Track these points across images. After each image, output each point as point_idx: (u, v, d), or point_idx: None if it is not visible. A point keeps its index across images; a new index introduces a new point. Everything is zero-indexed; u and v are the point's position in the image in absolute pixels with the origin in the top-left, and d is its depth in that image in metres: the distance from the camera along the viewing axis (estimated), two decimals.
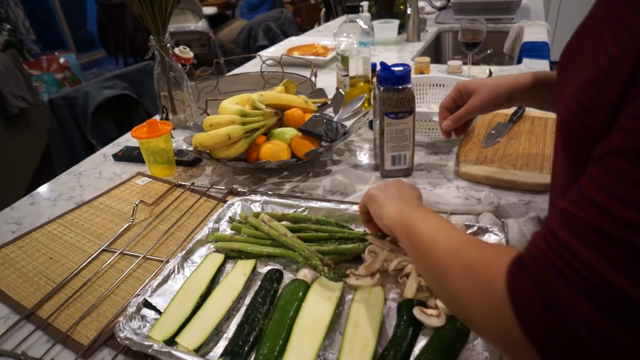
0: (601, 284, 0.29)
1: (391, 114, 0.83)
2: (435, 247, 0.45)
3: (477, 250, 0.41)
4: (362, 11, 1.86)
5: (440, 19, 2.26)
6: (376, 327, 0.55)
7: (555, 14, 3.99)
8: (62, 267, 0.74)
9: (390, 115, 0.84)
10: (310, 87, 1.30)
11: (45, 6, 5.30)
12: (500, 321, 0.34)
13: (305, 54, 1.81)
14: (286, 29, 3.69)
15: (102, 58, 5.83)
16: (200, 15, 4.28)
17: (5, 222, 0.89)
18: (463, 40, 1.38)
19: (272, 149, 0.92)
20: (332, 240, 0.69)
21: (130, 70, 1.84)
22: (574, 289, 0.29)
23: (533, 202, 0.79)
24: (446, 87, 1.12)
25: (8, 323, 0.63)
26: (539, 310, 0.31)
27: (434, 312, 0.56)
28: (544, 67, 1.48)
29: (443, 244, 0.44)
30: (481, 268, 0.38)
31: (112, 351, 0.57)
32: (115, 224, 0.84)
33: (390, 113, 0.83)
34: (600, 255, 0.29)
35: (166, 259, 0.73)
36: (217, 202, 0.87)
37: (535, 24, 1.94)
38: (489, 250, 0.40)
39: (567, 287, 0.30)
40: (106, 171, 1.06)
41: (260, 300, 0.60)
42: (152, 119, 0.98)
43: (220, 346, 0.56)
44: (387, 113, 0.83)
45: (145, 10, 1.05)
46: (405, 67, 0.83)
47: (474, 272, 0.38)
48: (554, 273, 0.31)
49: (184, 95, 1.19)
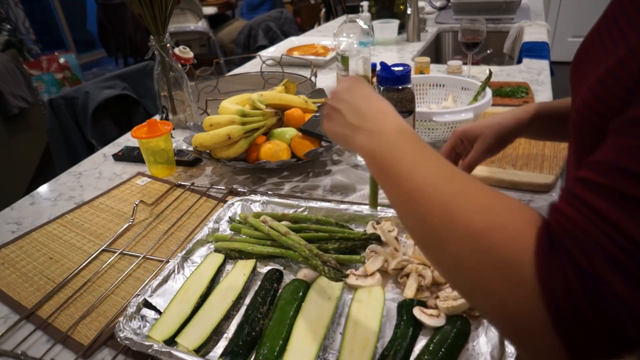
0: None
1: None
2: (430, 200, 0.37)
3: (488, 211, 0.33)
4: (362, 11, 1.86)
5: (440, 19, 2.26)
6: (376, 327, 0.55)
7: (555, 14, 3.99)
8: (62, 267, 0.74)
9: None
10: (310, 87, 1.30)
11: (45, 6, 5.30)
12: (520, 306, 0.29)
13: (305, 54, 1.81)
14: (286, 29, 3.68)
15: (102, 58, 5.83)
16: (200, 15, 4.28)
17: (5, 222, 0.89)
18: (463, 40, 1.38)
19: (272, 149, 0.92)
20: (332, 241, 0.69)
21: (130, 70, 1.84)
22: (621, 272, 0.26)
23: (533, 202, 0.79)
24: (446, 87, 1.12)
25: (8, 323, 0.63)
26: (581, 301, 0.27)
27: (434, 312, 0.56)
28: (544, 67, 1.48)
29: (440, 195, 0.36)
30: (497, 239, 0.31)
31: (112, 351, 0.57)
32: (115, 224, 0.84)
33: None
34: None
35: (166, 259, 0.73)
36: (217, 202, 0.87)
37: (535, 24, 1.94)
38: (505, 214, 0.33)
39: (613, 269, 0.26)
40: (106, 171, 1.06)
41: (260, 300, 0.60)
42: (152, 119, 0.98)
43: (220, 346, 0.56)
44: None
45: (145, 10, 1.05)
46: (405, 67, 0.83)
47: (486, 244, 0.32)
48: (597, 252, 0.27)
49: (184, 95, 1.19)
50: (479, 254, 0.32)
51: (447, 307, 0.55)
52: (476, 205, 0.34)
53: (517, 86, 1.29)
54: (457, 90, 1.11)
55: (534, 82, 1.36)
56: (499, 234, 0.32)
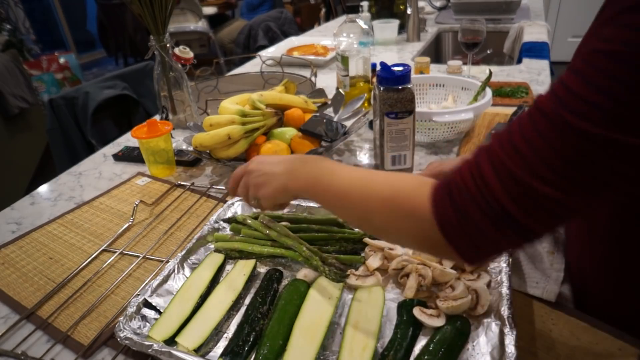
0: (504, 214, 0.38)
1: (391, 114, 0.83)
2: (352, 195, 0.51)
3: (390, 185, 0.48)
4: (362, 11, 1.86)
5: (440, 19, 2.26)
6: (376, 327, 0.55)
7: (555, 14, 3.99)
8: (62, 267, 0.74)
9: (390, 115, 0.84)
10: (310, 87, 1.30)
11: (45, 6, 5.30)
12: (426, 235, 0.44)
13: (305, 54, 1.81)
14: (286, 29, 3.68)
15: (102, 58, 5.83)
16: (200, 15, 4.27)
17: (6, 222, 0.89)
18: (463, 40, 1.38)
19: (272, 149, 0.92)
20: (332, 241, 0.69)
21: (130, 70, 1.84)
22: (485, 215, 0.39)
23: None
24: (446, 87, 1.12)
25: (8, 323, 0.63)
26: (456, 226, 0.41)
27: (434, 312, 0.56)
28: (544, 67, 1.48)
29: (358, 186, 0.51)
30: (401, 200, 0.46)
31: (112, 351, 0.57)
32: (115, 224, 0.84)
33: (390, 113, 0.83)
34: (510, 196, 0.38)
35: (166, 259, 0.73)
36: (217, 202, 0.87)
37: (535, 24, 1.94)
38: (405, 182, 0.48)
39: (480, 213, 0.39)
40: (106, 171, 1.06)
41: (260, 300, 0.60)
42: (152, 119, 0.98)
43: (220, 346, 0.56)
44: (387, 113, 0.83)
45: (145, 10, 1.05)
46: (405, 67, 0.83)
47: (396, 205, 0.46)
48: (471, 202, 0.40)
49: (184, 95, 1.19)
50: (392, 212, 0.47)
51: (447, 307, 0.56)
52: (384, 183, 0.49)
53: (517, 86, 1.29)
54: (457, 90, 1.11)
55: (534, 82, 1.36)
56: (403, 194, 0.46)
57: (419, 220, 0.44)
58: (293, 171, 0.57)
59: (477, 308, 0.56)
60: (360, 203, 0.50)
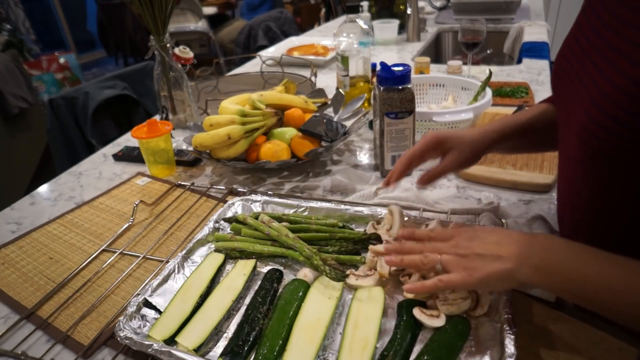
0: None
1: (391, 114, 0.83)
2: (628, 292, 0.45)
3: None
4: (362, 11, 1.86)
5: (440, 19, 2.26)
6: (376, 327, 0.55)
7: (555, 14, 3.99)
8: (62, 267, 0.74)
9: (390, 115, 0.84)
10: (310, 87, 1.30)
11: (45, 6, 5.30)
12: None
13: (305, 54, 1.81)
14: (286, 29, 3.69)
15: (102, 58, 5.83)
16: (200, 15, 4.28)
17: (5, 222, 0.89)
18: (463, 40, 1.39)
19: (272, 149, 0.92)
20: (332, 241, 0.69)
21: (130, 70, 1.84)
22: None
23: (533, 202, 0.79)
24: (446, 87, 1.12)
25: (8, 323, 0.63)
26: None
27: (434, 312, 0.56)
28: (544, 67, 1.48)
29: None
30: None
31: (112, 351, 0.57)
32: (115, 224, 0.84)
33: (390, 113, 0.83)
34: None
35: (166, 259, 0.73)
36: (217, 202, 0.87)
37: (535, 24, 1.94)
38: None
39: None
40: (106, 171, 1.06)
41: (260, 300, 0.60)
42: (152, 119, 0.98)
43: (220, 346, 0.56)
44: (387, 113, 0.84)
45: (145, 10, 1.05)
46: (405, 67, 0.83)
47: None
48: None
49: (184, 95, 1.19)
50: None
51: (447, 308, 0.56)
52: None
53: (517, 86, 1.29)
54: (457, 90, 1.11)
55: (534, 82, 1.36)
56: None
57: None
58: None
59: (477, 309, 0.56)
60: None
